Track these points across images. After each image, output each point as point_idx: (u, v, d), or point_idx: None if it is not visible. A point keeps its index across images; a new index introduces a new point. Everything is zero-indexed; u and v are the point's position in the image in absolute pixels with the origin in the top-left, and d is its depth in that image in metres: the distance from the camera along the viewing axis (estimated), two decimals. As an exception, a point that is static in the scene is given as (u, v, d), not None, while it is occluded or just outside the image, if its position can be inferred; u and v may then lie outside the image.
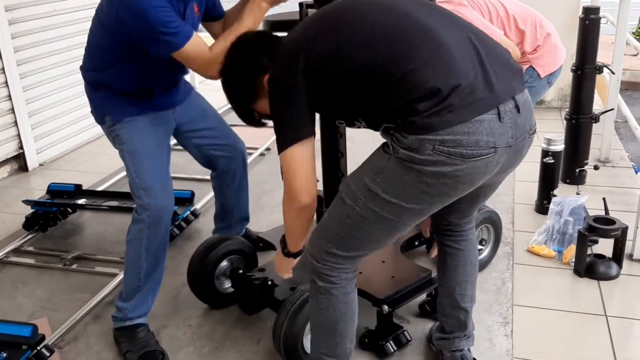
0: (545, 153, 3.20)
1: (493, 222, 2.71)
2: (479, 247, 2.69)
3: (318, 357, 1.88)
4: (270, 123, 1.77)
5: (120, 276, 2.76)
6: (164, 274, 2.59)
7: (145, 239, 2.25)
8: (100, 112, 2.39)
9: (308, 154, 1.68)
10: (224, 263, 2.50)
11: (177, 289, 2.71)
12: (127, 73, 2.28)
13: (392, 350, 2.20)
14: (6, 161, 4.22)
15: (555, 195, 3.15)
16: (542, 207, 3.25)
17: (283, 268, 2.08)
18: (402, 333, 2.24)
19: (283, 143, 1.68)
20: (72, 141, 4.69)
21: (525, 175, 3.69)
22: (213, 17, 2.48)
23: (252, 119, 1.92)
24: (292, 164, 1.68)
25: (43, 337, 2.25)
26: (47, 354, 2.23)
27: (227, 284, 2.54)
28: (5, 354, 2.13)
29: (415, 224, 1.77)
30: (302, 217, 1.78)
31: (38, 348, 2.21)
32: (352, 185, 1.68)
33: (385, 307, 2.21)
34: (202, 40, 2.13)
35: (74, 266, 2.97)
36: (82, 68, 2.45)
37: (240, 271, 2.49)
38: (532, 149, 3.70)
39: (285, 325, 2.03)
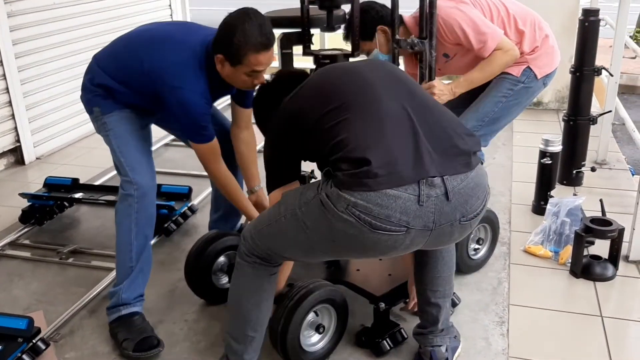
0: (543, 154, 3.21)
1: (490, 221, 2.71)
2: (476, 246, 2.70)
3: (225, 337, 2.01)
4: None
5: (117, 270, 2.78)
6: (161, 270, 2.60)
7: (135, 214, 2.34)
8: (90, 105, 2.46)
9: None
10: (222, 259, 2.50)
11: (174, 284, 2.71)
12: (135, 98, 2.40)
13: (388, 348, 2.20)
14: (3, 154, 4.20)
15: (552, 196, 3.16)
16: (539, 207, 3.26)
17: None
18: (398, 331, 2.24)
19: (269, 187, 1.90)
20: (69, 135, 4.68)
21: (522, 176, 3.71)
22: (240, 103, 2.59)
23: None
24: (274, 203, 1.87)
25: (39, 330, 2.25)
26: (43, 347, 2.23)
27: (224, 280, 2.53)
28: (0, 346, 2.12)
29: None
30: None
31: (34, 341, 2.20)
32: (289, 198, 1.79)
33: (382, 305, 2.21)
34: (216, 149, 2.38)
35: (70, 260, 2.95)
36: (95, 59, 2.48)
37: None
38: (530, 150, 3.68)
39: (283, 320, 2.03)
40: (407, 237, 1.63)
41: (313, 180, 2.62)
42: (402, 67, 2.93)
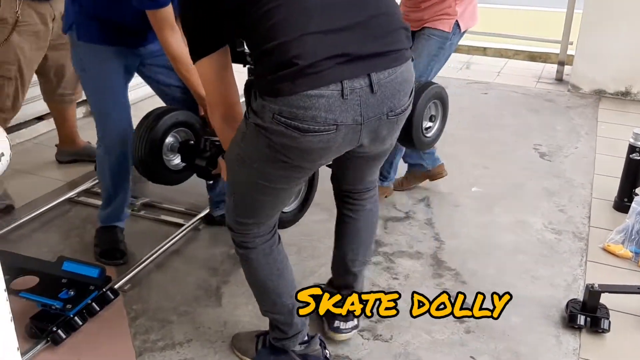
0: (632, 148, 3.03)
1: (441, 97, 2.56)
2: (429, 123, 2.56)
3: (264, 314, 1.99)
4: None
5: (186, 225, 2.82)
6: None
7: (107, 163, 2.54)
8: (69, 21, 2.40)
9: (217, 68, 1.69)
10: (170, 139, 2.33)
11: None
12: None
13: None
14: (81, 103, 4.25)
15: (637, 194, 2.99)
16: (621, 204, 3.09)
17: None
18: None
19: (192, 55, 1.70)
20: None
21: (605, 170, 3.53)
22: None
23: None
24: (203, 78, 1.74)
25: (109, 279, 2.30)
26: (112, 297, 2.28)
27: (177, 160, 2.40)
28: (72, 292, 2.17)
29: (296, 188, 1.84)
30: (226, 125, 1.80)
31: (104, 290, 2.25)
32: (230, 154, 1.75)
33: (596, 285, 2.24)
34: (166, 17, 2.22)
35: (142, 212, 3.00)
36: None
37: (191, 142, 2.37)
38: (615, 142, 3.50)
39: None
40: (338, 134, 1.57)
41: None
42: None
